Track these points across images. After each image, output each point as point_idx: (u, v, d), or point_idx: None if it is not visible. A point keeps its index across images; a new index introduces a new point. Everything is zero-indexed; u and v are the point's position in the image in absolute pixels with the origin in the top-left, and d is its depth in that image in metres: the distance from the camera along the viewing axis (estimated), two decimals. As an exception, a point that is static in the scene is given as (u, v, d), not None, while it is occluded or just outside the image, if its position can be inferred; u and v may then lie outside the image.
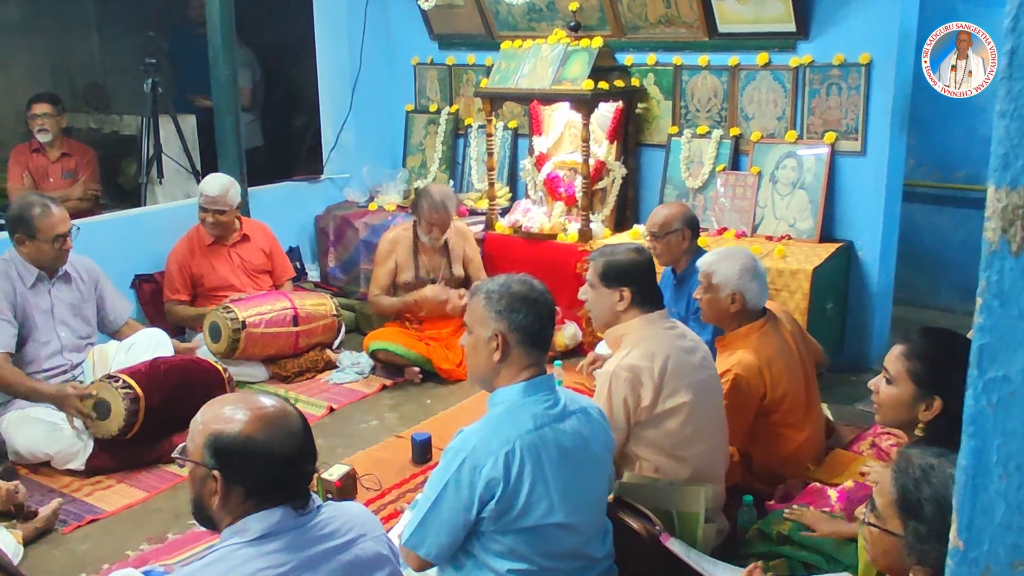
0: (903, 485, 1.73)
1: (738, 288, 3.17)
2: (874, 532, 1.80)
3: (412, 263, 4.82)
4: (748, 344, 3.17)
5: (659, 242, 3.94)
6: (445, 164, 6.09)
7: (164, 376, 3.78)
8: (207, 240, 4.87)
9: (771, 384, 3.13)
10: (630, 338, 2.83)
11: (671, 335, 2.84)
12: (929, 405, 2.34)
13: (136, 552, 3.16)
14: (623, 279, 2.83)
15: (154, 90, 5.75)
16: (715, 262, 3.23)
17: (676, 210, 3.98)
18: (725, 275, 3.18)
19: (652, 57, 5.18)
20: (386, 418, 4.30)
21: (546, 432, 2.24)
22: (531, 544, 2.23)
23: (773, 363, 3.14)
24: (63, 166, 5.76)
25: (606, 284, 2.86)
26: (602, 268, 2.87)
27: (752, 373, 3.10)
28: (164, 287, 4.88)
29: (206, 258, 4.86)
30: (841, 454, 3.34)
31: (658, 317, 2.86)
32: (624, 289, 2.83)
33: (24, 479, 3.64)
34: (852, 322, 4.79)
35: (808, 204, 4.71)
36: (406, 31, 6.19)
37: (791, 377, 3.20)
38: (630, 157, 5.30)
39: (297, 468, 1.81)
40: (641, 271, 2.87)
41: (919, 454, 1.76)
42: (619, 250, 2.92)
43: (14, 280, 3.82)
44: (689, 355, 2.83)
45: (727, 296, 3.19)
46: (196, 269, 4.84)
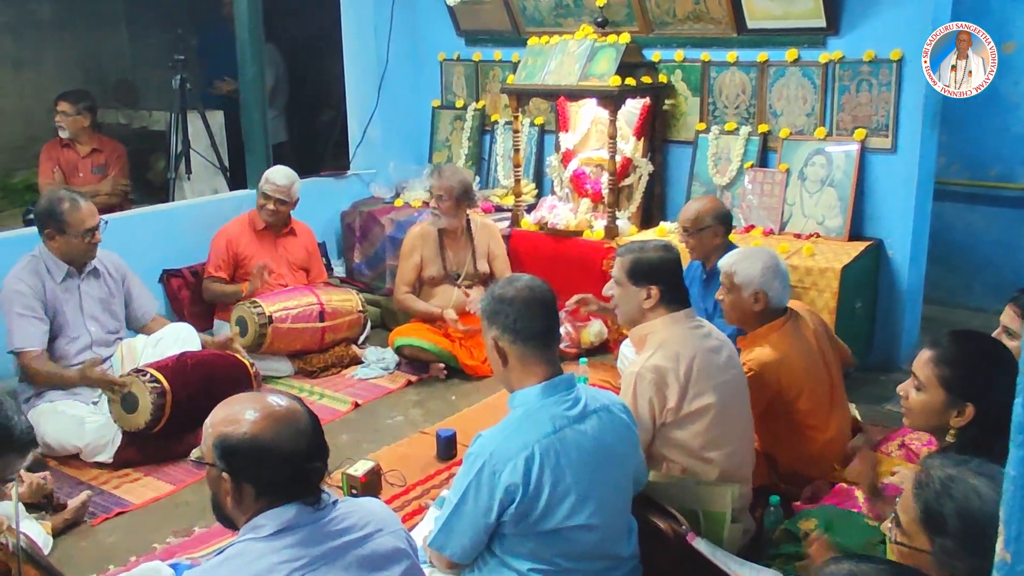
0: (925, 500, 1.68)
1: (761, 287, 3.15)
2: (902, 551, 1.74)
3: (438, 258, 4.82)
4: (767, 341, 3.15)
5: (692, 238, 3.91)
6: (471, 160, 6.09)
7: (191, 370, 3.80)
8: (259, 226, 4.95)
9: (786, 382, 3.09)
10: (655, 337, 2.80)
11: (697, 335, 2.81)
12: (961, 412, 2.27)
13: (163, 545, 3.19)
14: (651, 277, 2.80)
15: (182, 86, 5.80)
16: (736, 262, 3.21)
17: (708, 205, 3.96)
18: (747, 274, 3.16)
19: (680, 53, 5.14)
20: (411, 414, 4.31)
21: (566, 434, 2.23)
22: (553, 546, 2.22)
23: (790, 360, 3.11)
24: (93, 161, 5.81)
25: (633, 281, 2.83)
26: (630, 265, 2.84)
27: (765, 368, 3.07)
28: (207, 264, 4.94)
29: (254, 242, 4.93)
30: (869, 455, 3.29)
31: (684, 316, 2.83)
32: (652, 287, 2.80)
33: (53, 471, 3.67)
34: (882, 321, 4.74)
35: (837, 202, 4.66)
36: (433, 27, 6.19)
37: (810, 376, 3.16)
38: (657, 154, 5.27)
39: (306, 465, 1.81)
40: (669, 269, 2.84)
41: (939, 465, 1.70)
42: (647, 247, 2.89)
43: (44, 276, 3.86)
44: (715, 355, 2.81)
45: (750, 295, 3.16)
46: (242, 250, 4.90)
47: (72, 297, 3.94)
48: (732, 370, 2.86)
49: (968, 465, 1.68)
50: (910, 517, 1.71)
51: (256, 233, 4.94)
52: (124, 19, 7.80)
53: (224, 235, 4.91)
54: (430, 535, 2.30)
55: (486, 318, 2.36)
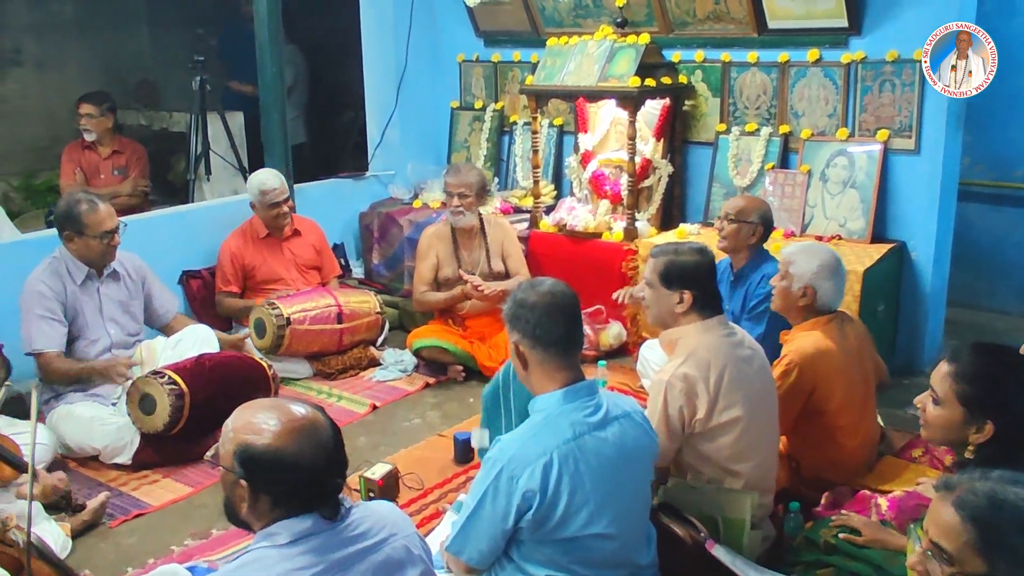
0: (978, 521, 1.57)
1: (811, 283, 3.11)
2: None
3: (452, 258, 4.81)
4: (810, 335, 3.10)
5: (731, 225, 3.86)
6: (490, 161, 6.07)
7: (209, 372, 3.81)
8: (261, 233, 4.93)
9: (823, 377, 3.04)
10: (686, 343, 2.75)
11: (729, 343, 2.76)
12: (980, 428, 2.21)
13: (180, 547, 3.20)
14: (684, 281, 2.75)
15: (202, 87, 5.82)
16: (796, 253, 3.18)
17: (758, 203, 3.94)
18: (802, 268, 3.13)
19: (700, 54, 5.11)
20: (429, 416, 4.30)
21: (586, 440, 2.21)
22: (570, 554, 2.20)
23: (831, 356, 3.05)
24: (114, 163, 5.85)
25: (666, 285, 2.77)
26: (663, 267, 2.78)
27: (805, 360, 3.02)
28: (216, 279, 4.93)
29: (259, 251, 4.92)
30: (892, 461, 3.26)
31: (716, 323, 2.78)
32: (684, 292, 2.75)
33: (73, 473, 3.71)
34: (904, 324, 4.69)
35: (859, 203, 4.61)
36: (452, 28, 6.18)
37: (848, 378, 3.11)
38: (677, 155, 5.23)
39: (325, 480, 1.79)
40: (703, 274, 2.79)
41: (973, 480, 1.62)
42: (682, 249, 2.82)
43: (64, 278, 3.87)
44: (746, 365, 2.76)
45: (799, 289, 3.13)
46: (249, 261, 4.89)
47: (92, 299, 3.95)
48: (763, 380, 2.82)
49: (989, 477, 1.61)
50: (959, 543, 1.59)
51: (260, 241, 4.93)
52: (145, 20, 7.85)
53: (227, 250, 4.89)
54: (448, 539, 2.29)
55: (508, 322, 2.35)
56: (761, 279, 3.78)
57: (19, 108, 7.14)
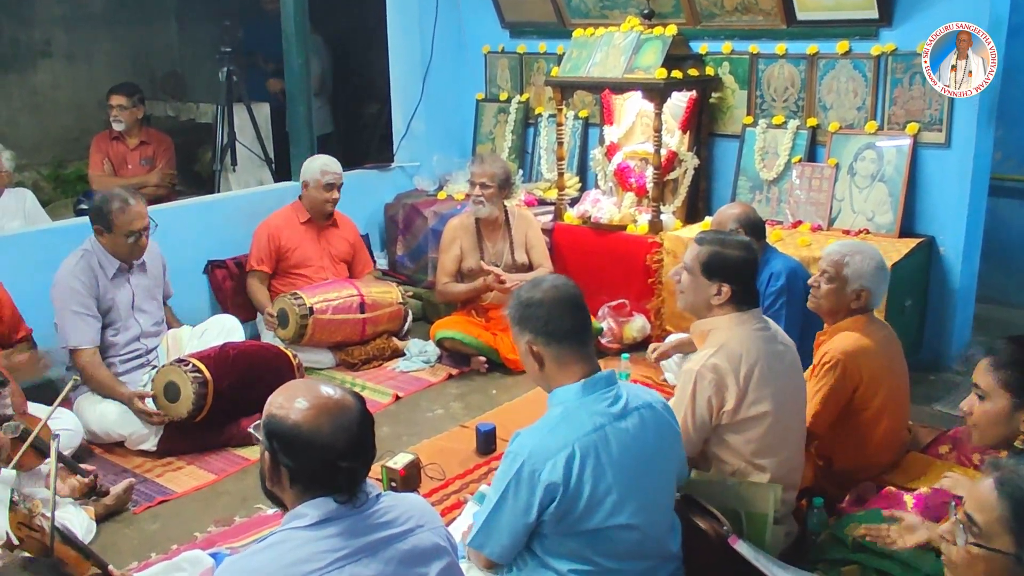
0: (1014, 499, 1.59)
1: (868, 286, 3.04)
2: (974, 553, 1.64)
3: (476, 249, 4.82)
4: (849, 336, 3.04)
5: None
6: (515, 153, 6.06)
7: (233, 361, 3.83)
8: (302, 217, 4.96)
9: (867, 378, 3.00)
10: (718, 335, 2.72)
11: (762, 337, 2.72)
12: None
13: (204, 534, 3.22)
14: (725, 274, 2.71)
15: (229, 79, 5.85)
16: (850, 253, 3.07)
17: (729, 213, 3.78)
18: (860, 269, 3.03)
19: (727, 45, 5.06)
20: (451, 407, 4.30)
21: (607, 432, 2.19)
22: (594, 546, 2.19)
23: (873, 356, 3.01)
24: (141, 153, 5.89)
25: (707, 275, 2.73)
26: (706, 257, 2.73)
27: (850, 357, 2.97)
28: (249, 258, 4.95)
29: (297, 234, 4.95)
30: (918, 457, 3.21)
31: (751, 317, 2.74)
32: (724, 285, 2.70)
33: (98, 458, 3.75)
34: (932, 320, 4.63)
35: (888, 197, 4.56)
36: (477, 19, 6.17)
37: (892, 371, 3.07)
38: (703, 147, 5.19)
39: (342, 463, 1.79)
40: (746, 270, 2.74)
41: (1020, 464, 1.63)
42: (728, 242, 2.77)
43: (96, 271, 3.90)
44: (778, 361, 2.72)
45: (853, 291, 3.05)
46: (285, 243, 4.91)
47: (123, 291, 3.98)
48: (793, 376, 2.79)
49: None
50: (991, 517, 1.62)
51: (300, 225, 4.96)
52: (174, 12, 7.90)
53: (266, 228, 4.92)
54: (470, 534, 2.28)
55: (516, 324, 2.32)
56: (770, 277, 3.71)
57: (50, 99, 7.21)
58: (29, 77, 7.12)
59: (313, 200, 4.93)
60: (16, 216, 5.06)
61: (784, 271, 3.74)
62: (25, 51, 7.06)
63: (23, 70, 7.07)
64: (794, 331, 3.59)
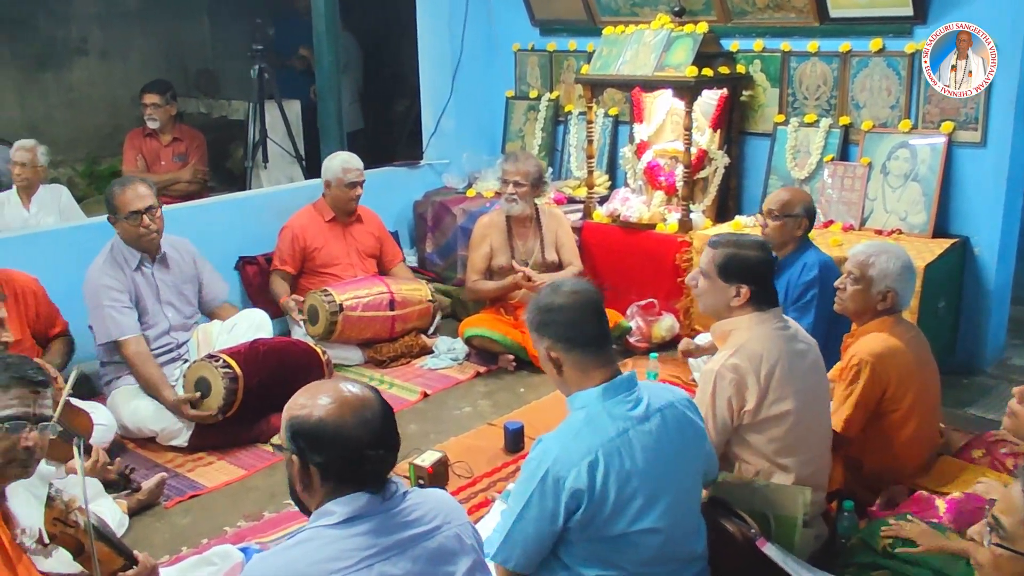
0: None
1: (894, 286, 3.01)
2: (1000, 556, 1.65)
3: (506, 247, 4.82)
4: (877, 337, 3.01)
5: (776, 221, 3.78)
6: (544, 151, 6.05)
7: (263, 357, 3.86)
8: (326, 216, 4.98)
9: (896, 380, 2.96)
10: (738, 335, 2.71)
11: (783, 336, 2.71)
12: None
13: (234, 528, 3.25)
14: (743, 276, 2.70)
15: (260, 76, 5.89)
16: (875, 254, 3.04)
17: (800, 195, 3.87)
18: (885, 270, 3.01)
19: (759, 43, 5.02)
20: (479, 405, 4.31)
21: (629, 436, 2.18)
22: (620, 551, 2.18)
23: (902, 358, 2.97)
24: (174, 150, 5.96)
25: (724, 277, 2.72)
26: (722, 260, 2.72)
27: (879, 359, 2.93)
28: (273, 257, 4.98)
29: (322, 233, 4.97)
30: (950, 461, 3.18)
31: (771, 316, 2.73)
32: (742, 286, 2.70)
33: (131, 453, 3.80)
34: (966, 322, 4.57)
35: (921, 197, 4.50)
36: (507, 17, 6.16)
37: (920, 379, 3.03)
38: (733, 146, 5.16)
39: (371, 454, 1.81)
40: (763, 270, 2.74)
41: None
42: (743, 242, 2.77)
43: (123, 266, 3.94)
44: (800, 359, 2.71)
45: (879, 292, 3.02)
46: (311, 243, 4.93)
47: (148, 283, 4.02)
48: (816, 375, 2.77)
49: None
50: (1017, 519, 1.63)
51: (324, 224, 4.98)
52: (206, 10, 7.97)
53: (290, 229, 4.94)
54: (492, 547, 2.24)
55: (535, 330, 2.31)
56: (803, 268, 3.71)
57: (85, 96, 7.32)
58: (65, 74, 7.22)
59: (336, 199, 4.95)
60: (51, 212, 5.14)
61: (817, 263, 3.73)
62: (62, 49, 7.17)
63: (60, 67, 7.18)
64: (822, 326, 3.58)
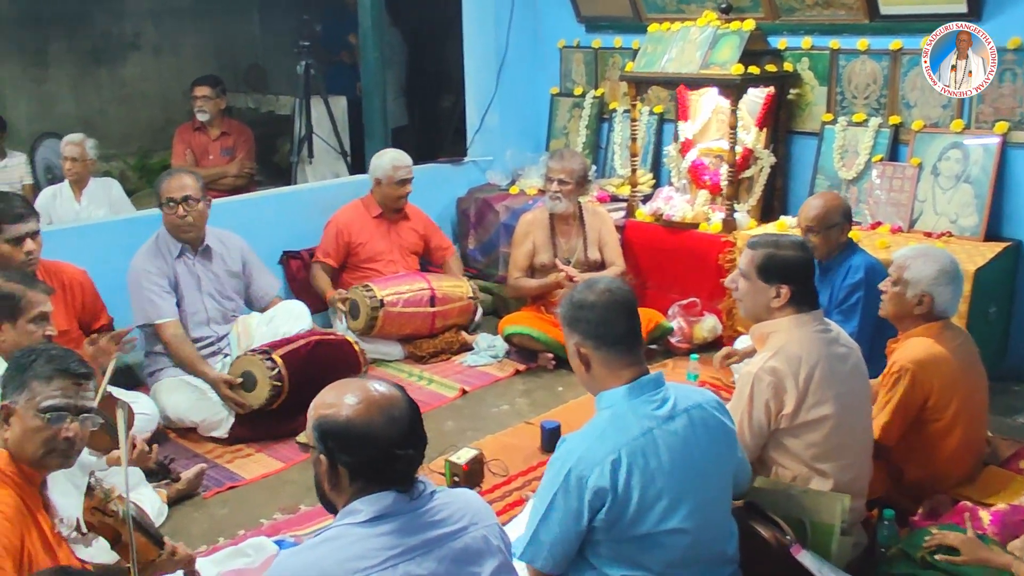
0: None
1: (929, 290, 2.95)
2: None
3: (549, 245, 4.80)
4: (920, 343, 2.94)
5: (818, 236, 3.69)
6: (588, 149, 6.02)
7: (307, 354, 3.92)
8: (374, 212, 5.02)
9: (939, 388, 2.89)
10: (778, 337, 2.67)
11: (823, 339, 2.66)
12: None
13: (270, 521, 3.29)
14: (783, 276, 2.66)
15: (307, 72, 5.94)
16: (913, 257, 3.00)
17: (832, 202, 3.76)
18: (920, 273, 2.95)
19: (807, 40, 4.94)
20: (517, 403, 4.30)
21: (654, 435, 2.16)
22: (647, 551, 2.16)
23: (945, 365, 2.90)
24: (222, 144, 6.04)
25: (763, 278, 2.69)
26: (761, 260, 2.69)
27: (921, 366, 2.87)
28: (316, 248, 5.02)
29: (367, 228, 5.00)
30: (997, 472, 3.10)
31: (811, 319, 2.68)
32: (782, 287, 2.66)
33: (172, 443, 3.87)
34: (1017, 328, 4.45)
35: (973, 199, 4.39)
36: (553, 13, 6.14)
37: (965, 388, 2.95)
38: (780, 145, 5.08)
39: (398, 452, 1.80)
40: (803, 270, 2.70)
41: None
42: (782, 243, 2.73)
43: (164, 255, 4.03)
44: (840, 363, 2.66)
45: (915, 296, 2.96)
46: (356, 237, 4.96)
47: (189, 273, 4.09)
48: (857, 380, 2.72)
49: None
50: None
51: (371, 220, 5.01)
52: (256, 6, 8.07)
53: (335, 224, 4.97)
54: (518, 547, 2.23)
55: (567, 325, 2.31)
56: (848, 270, 3.65)
57: (138, 91, 7.46)
58: (119, 69, 7.37)
59: (386, 196, 4.97)
60: (102, 205, 5.24)
61: (863, 265, 3.66)
62: (116, 44, 7.31)
63: (113, 63, 7.33)
64: (868, 330, 3.51)
